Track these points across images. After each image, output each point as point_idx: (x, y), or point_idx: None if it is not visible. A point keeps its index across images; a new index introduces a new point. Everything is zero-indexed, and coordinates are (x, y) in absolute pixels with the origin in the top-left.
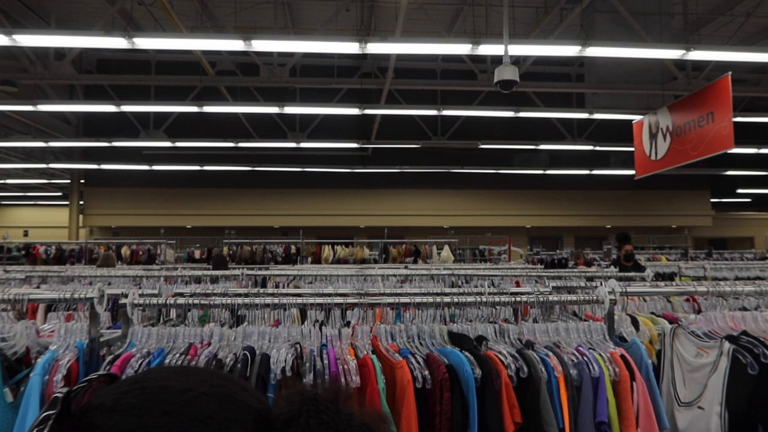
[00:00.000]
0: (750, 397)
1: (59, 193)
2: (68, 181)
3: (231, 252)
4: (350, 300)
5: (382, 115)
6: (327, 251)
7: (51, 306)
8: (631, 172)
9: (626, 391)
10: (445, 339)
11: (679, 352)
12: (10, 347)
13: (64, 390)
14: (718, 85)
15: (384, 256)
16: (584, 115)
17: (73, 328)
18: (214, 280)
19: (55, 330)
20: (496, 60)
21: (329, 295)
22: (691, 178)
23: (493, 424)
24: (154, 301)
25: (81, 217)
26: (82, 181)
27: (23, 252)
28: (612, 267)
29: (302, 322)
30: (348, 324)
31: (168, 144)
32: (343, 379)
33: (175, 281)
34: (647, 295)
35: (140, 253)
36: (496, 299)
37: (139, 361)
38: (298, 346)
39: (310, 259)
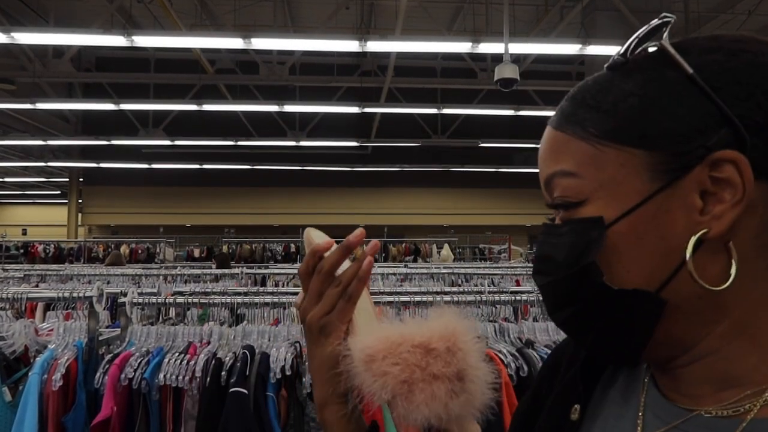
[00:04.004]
0: None
1: (58, 192)
2: (67, 179)
3: (231, 251)
4: None
5: (382, 114)
6: None
7: (50, 305)
8: None
9: None
10: None
11: None
12: (8, 346)
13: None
14: None
15: (384, 254)
16: None
17: (72, 327)
18: (216, 278)
19: (54, 329)
20: (497, 58)
21: None
22: None
23: (493, 423)
24: (154, 299)
25: (80, 215)
26: (81, 179)
27: (22, 250)
28: None
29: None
30: None
31: (167, 142)
32: None
33: (174, 280)
34: None
35: (139, 251)
36: (496, 298)
37: (138, 360)
38: (297, 344)
39: None
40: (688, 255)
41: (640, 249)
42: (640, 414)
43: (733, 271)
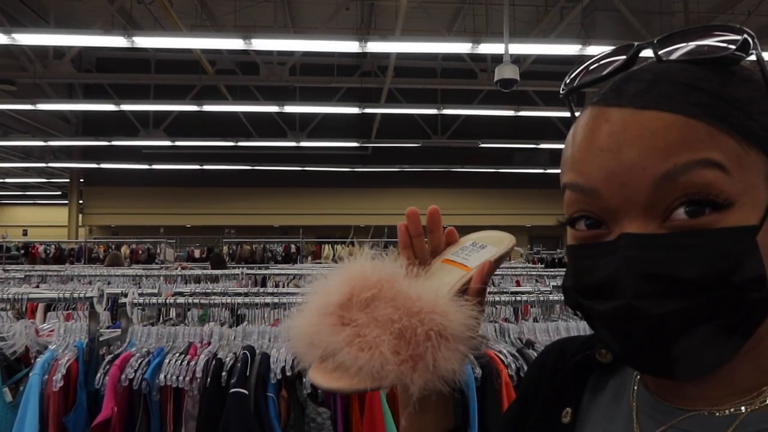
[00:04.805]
0: None
1: (58, 192)
2: (67, 180)
3: (231, 251)
4: None
5: (382, 114)
6: (327, 250)
7: (50, 305)
8: None
9: None
10: None
11: None
12: (9, 346)
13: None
14: None
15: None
16: None
17: (73, 328)
18: (213, 279)
19: (55, 329)
20: (497, 59)
21: None
22: None
23: (494, 423)
24: (154, 300)
25: (80, 216)
26: (82, 180)
27: (22, 251)
28: None
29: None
30: None
31: (167, 143)
32: None
33: (174, 280)
34: None
35: (140, 252)
36: (497, 298)
37: (139, 361)
38: None
39: (310, 258)
40: None
41: (765, 258)
42: (634, 416)
43: None
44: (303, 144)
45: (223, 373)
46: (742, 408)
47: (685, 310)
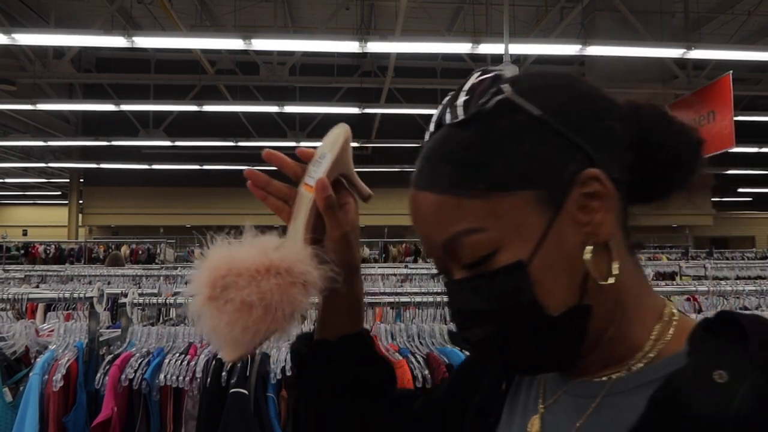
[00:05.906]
0: None
1: (58, 192)
2: (67, 180)
3: None
4: None
5: (382, 114)
6: None
7: (50, 305)
8: None
9: None
10: (445, 338)
11: None
12: (9, 347)
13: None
14: (718, 84)
15: (384, 255)
16: None
17: (73, 328)
18: None
19: (55, 329)
20: (497, 59)
21: None
22: None
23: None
24: (154, 300)
25: (80, 216)
26: (81, 180)
27: (22, 251)
28: None
29: (302, 322)
30: None
31: (167, 143)
32: None
33: (174, 280)
34: None
35: (140, 252)
36: None
37: (139, 361)
38: None
39: None
40: (587, 263)
41: (555, 273)
42: (542, 384)
43: (615, 265)
44: (303, 144)
45: (223, 373)
46: (613, 376)
47: (493, 333)
